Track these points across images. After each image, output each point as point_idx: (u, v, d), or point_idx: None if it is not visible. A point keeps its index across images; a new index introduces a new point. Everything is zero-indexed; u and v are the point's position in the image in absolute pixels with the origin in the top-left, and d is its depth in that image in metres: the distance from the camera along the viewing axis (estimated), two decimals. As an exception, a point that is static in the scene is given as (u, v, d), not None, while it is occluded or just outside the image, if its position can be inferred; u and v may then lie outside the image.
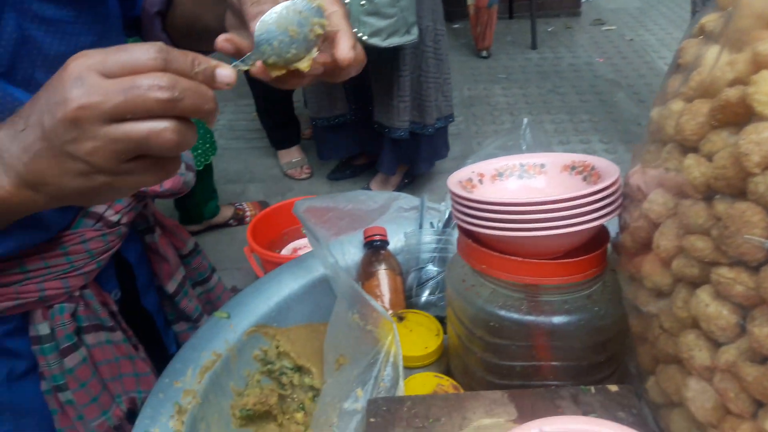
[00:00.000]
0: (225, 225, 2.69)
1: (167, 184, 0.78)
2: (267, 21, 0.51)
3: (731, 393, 0.45)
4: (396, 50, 2.39)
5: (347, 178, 3.05)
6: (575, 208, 0.58)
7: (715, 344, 0.47)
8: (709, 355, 0.47)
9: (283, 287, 0.93)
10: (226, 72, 0.48)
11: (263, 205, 2.75)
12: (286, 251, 2.26)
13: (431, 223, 1.02)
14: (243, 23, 0.54)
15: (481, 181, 0.70)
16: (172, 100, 0.44)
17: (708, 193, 0.45)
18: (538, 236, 0.59)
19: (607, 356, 0.67)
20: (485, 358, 0.68)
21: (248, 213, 2.71)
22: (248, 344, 0.86)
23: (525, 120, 0.93)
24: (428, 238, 0.98)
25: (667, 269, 0.51)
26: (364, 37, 2.14)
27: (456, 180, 0.68)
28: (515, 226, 0.59)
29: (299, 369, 0.88)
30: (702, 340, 0.47)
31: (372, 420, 0.64)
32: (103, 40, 0.68)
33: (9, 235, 0.64)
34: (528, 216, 0.58)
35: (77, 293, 0.73)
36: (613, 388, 0.63)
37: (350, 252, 1.01)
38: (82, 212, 0.72)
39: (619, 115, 3.49)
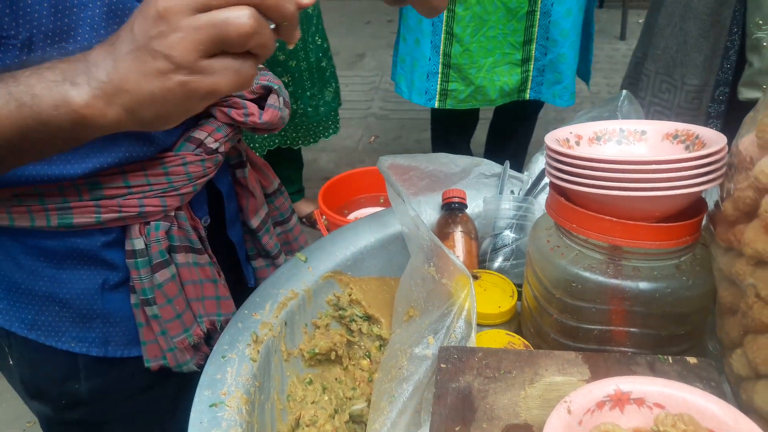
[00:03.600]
0: (299, 220, 2.69)
1: (265, 117, 0.80)
2: None
3: (831, 364, 0.44)
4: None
5: None
6: (675, 171, 0.57)
7: (818, 314, 0.45)
8: (810, 324, 0.45)
9: (360, 238, 0.95)
10: None
11: None
12: (352, 217, 2.29)
13: (512, 191, 1.02)
14: None
15: (578, 143, 0.69)
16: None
17: (829, 155, 0.43)
18: (635, 197, 0.58)
19: (687, 330, 0.65)
20: (561, 320, 0.68)
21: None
22: (323, 288, 0.88)
23: (624, 92, 0.91)
24: (507, 204, 0.97)
25: (772, 236, 0.49)
26: None
27: (553, 138, 0.67)
28: (612, 184, 0.58)
29: (368, 318, 0.90)
30: (804, 309, 0.46)
31: (443, 366, 0.65)
32: None
33: (117, 145, 0.69)
34: (626, 175, 0.58)
35: (172, 213, 0.77)
36: (692, 360, 0.62)
37: (427, 212, 1.02)
38: (185, 136, 0.76)
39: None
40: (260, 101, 0.82)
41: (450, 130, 2.41)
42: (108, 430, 0.88)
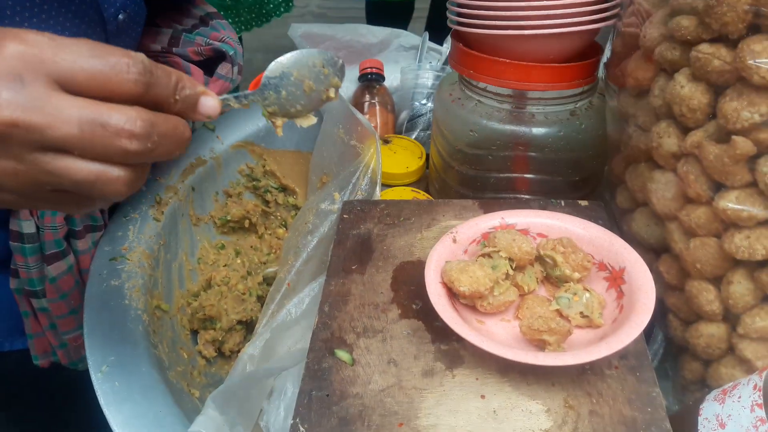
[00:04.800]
0: None
1: (213, 89, 0.65)
2: (283, 63, 0.43)
3: (692, 176, 0.46)
4: None
5: None
6: (568, 8, 0.56)
7: (684, 131, 0.47)
8: (677, 141, 0.47)
9: (274, 110, 0.93)
10: (211, 103, 0.39)
11: None
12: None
13: (430, 63, 1.01)
14: None
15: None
16: (141, 153, 0.35)
17: (701, -31, 0.44)
18: (529, 37, 0.58)
19: (583, 176, 0.67)
20: (462, 171, 0.69)
21: None
22: (234, 157, 0.87)
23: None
24: (425, 74, 0.96)
25: (650, 63, 0.50)
26: None
27: (452, -18, 0.66)
28: (507, 23, 0.58)
29: (284, 189, 0.89)
30: (672, 128, 0.48)
31: (345, 216, 0.66)
32: None
33: None
34: (521, 13, 0.57)
35: None
36: (583, 202, 0.64)
37: (344, 86, 1.00)
38: None
39: None
40: (208, 64, 0.67)
41: (385, 23, 2.33)
42: (14, 405, 0.79)
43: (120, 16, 0.58)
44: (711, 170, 0.44)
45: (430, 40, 1.05)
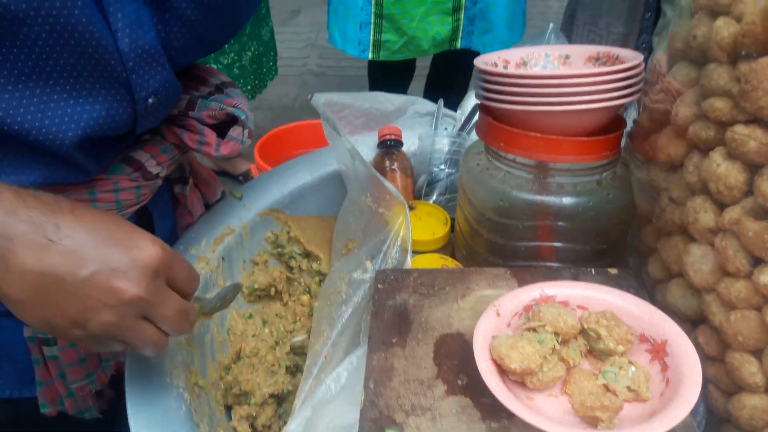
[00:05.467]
0: (234, 177, 2.56)
1: (223, 150, 0.70)
2: (221, 296, 0.64)
3: (731, 251, 0.47)
4: None
5: None
6: (594, 85, 0.59)
7: (720, 207, 0.49)
8: (714, 216, 0.49)
9: (298, 177, 0.94)
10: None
11: None
12: (292, 173, 2.27)
13: (445, 128, 1.03)
14: None
15: (506, 68, 0.71)
16: (186, 332, 0.55)
17: (733, 55, 0.46)
18: (556, 112, 0.60)
19: (609, 244, 0.69)
20: (491, 239, 0.70)
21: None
22: (261, 225, 0.88)
23: (551, 25, 0.93)
24: (442, 140, 0.99)
25: (682, 140, 0.52)
26: None
27: (482, 60, 0.68)
28: (536, 99, 0.60)
29: (308, 255, 0.90)
30: (708, 203, 0.49)
31: (380, 286, 0.67)
32: None
33: (33, 169, 0.59)
34: (548, 90, 0.59)
35: None
36: (613, 271, 0.65)
37: (364, 152, 1.02)
38: (120, 157, 0.66)
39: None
40: (221, 127, 0.71)
41: (387, 82, 2.38)
42: None
43: (150, 100, 0.61)
44: (750, 246, 0.46)
45: (431, 96, 1.09)
